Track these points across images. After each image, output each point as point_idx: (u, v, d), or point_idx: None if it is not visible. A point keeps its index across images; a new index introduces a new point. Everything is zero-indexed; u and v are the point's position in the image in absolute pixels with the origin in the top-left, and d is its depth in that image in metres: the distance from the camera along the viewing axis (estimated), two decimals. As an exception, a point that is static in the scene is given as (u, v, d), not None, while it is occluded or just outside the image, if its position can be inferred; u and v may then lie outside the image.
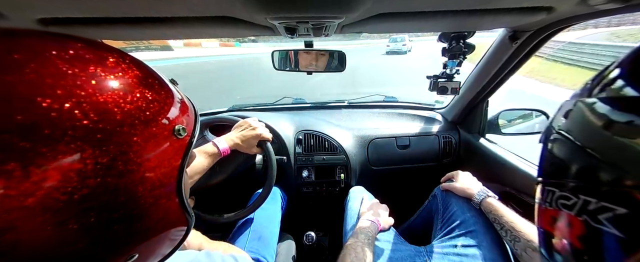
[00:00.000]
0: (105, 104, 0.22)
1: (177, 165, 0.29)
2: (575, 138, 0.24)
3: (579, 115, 0.24)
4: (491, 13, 0.59)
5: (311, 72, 0.94)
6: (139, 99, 0.25)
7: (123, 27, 0.58)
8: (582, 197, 0.22)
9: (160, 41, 23.62)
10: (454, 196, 0.85)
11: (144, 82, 0.27)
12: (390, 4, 0.52)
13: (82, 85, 0.22)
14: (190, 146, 0.31)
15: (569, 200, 0.23)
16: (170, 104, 0.28)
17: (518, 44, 0.79)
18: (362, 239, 0.67)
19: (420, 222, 0.99)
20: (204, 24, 0.59)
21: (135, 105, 0.24)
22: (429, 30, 0.75)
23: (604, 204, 0.20)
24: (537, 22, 0.67)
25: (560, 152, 0.26)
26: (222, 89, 7.62)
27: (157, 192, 0.26)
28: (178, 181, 0.29)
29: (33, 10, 0.49)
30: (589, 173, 0.22)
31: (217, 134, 1.18)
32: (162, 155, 0.26)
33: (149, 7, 0.49)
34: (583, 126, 0.24)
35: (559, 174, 0.26)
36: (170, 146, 0.28)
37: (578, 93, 0.26)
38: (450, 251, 0.72)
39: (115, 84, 0.24)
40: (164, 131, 0.27)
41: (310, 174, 1.15)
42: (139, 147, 0.24)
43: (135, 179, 0.24)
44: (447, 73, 0.96)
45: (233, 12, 0.53)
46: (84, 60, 0.24)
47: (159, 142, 0.26)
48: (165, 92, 0.29)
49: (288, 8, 0.49)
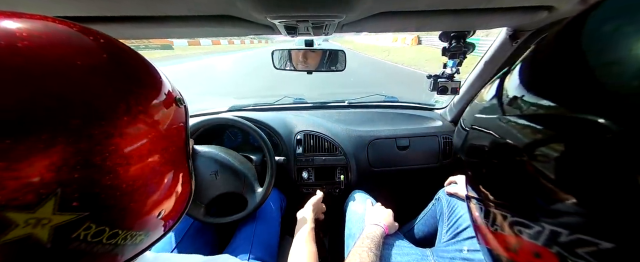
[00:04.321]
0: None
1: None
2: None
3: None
4: (491, 12, 0.59)
5: (311, 72, 0.93)
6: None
7: (121, 25, 0.58)
8: (548, 226, 0.18)
9: (159, 40, 23.63)
10: (460, 199, 0.84)
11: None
12: (390, 3, 0.52)
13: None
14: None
15: (529, 228, 0.19)
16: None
17: (518, 43, 0.79)
18: (367, 244, 0.67)
19: (424, 225, 0.98)
20: (204, 23, 0.59)
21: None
22: (429, 29, 0.75)
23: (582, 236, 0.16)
24: (538, 21, 0.66)
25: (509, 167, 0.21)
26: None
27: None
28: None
29: (31, 10, 0.48)
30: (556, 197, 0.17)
31: (207, 140, 1.18)
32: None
33: (147, 5, 0.48)
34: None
35: (509, 194, 0.22)
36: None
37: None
38: (456, 255, 0.71)
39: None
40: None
41: (310, 175, 1.15)
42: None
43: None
44: (447, 73, 0.96)
45: (233, 10, 0.53)
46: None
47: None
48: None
49: (288, 7, 0.49)
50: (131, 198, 0.23)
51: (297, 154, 1.13)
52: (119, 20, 0.56)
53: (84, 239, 0.21)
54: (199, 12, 0.53)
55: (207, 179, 0.86)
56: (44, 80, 0.18)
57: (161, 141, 0.26)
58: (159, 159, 0.26)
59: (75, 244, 0.21)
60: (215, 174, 0.85)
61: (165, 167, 0.27)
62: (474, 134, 0.28)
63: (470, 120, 0.30)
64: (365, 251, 0.64)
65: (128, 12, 0.52)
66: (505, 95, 0.24)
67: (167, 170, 0.27)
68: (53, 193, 0.18)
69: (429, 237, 0.91)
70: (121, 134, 0.22)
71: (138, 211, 0.25)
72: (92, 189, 0.20)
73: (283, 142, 1.13)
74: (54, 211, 0.19)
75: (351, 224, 0.87)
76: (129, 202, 0.23)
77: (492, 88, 0.28)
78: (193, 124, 0.89)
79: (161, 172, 0.26)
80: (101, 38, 0.24)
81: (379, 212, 0.84)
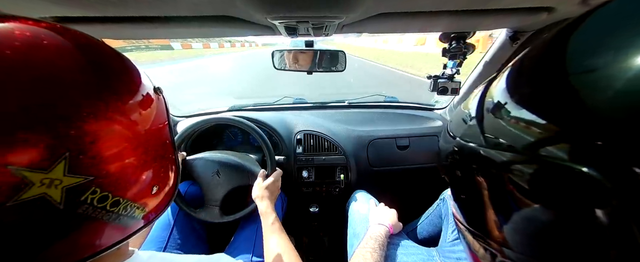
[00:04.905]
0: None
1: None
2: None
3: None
4: (492, 13, 0.59)
5: (311, 72, 0.93)
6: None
7: (122, 26, 0.58)
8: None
9: (160, 40, 23.60)
10: None
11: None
12: (390, 4, 0.52)
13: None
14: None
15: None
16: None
17: (518, 44, 0.79)
18: (372, 245, 0.67)
19: (429, 225, 0.98)
20: (204, 24, 0.59)
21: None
22: (430, 30, 0.75)
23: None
24: (538, 22, 0.67)
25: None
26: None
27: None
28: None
29: (33, 10, 0.49)
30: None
31: (207, 140, 1.18)
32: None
33: (148, 6, 0.48)
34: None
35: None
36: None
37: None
38: (462, 255, 0.71)
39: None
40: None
41: (310, 174, 1.15)
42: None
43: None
44: (448, 73, 0.96)
45: (233, 11, 0.53)
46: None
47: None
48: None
49: (288, 8, 0.49)
50: (128, 166, 0.26)
51: (297, 153, 1.13)
52: (119, 20, 0.56)
53: (91, 203, 0.24)
54: (199, 12, 0.53)
55: (210, 181, 0.86)
56: (30, 70, 0.21)
57: (145, 126, 0.29)
58: (150, 135, 0.29)
59: (84, 207, 0.23)
60: (216, 174, 0.86)
61: (154, 147, 0.30)
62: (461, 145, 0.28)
63: (459, 130, 0.30)
64: (369, 251, 0.65)
65: (128, 12, 0.52)
66: (490, 106, 0.24)
67: (155, 152, 0.30)
68: (62, 157, 0.21)
69: (434, 236, 0.91)
70: (114, 116, 0.25)
71: (134, 182, 0.28)
72: (95, 155, 0.23)
73: (283, 142, 1.13)
74: (65, 173, 0.21)
75: (355, 224, 0.87)
76: (126, 170, 0.26)
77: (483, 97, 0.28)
78: (193, 124, 0.89)
79: (148, 152, 0.29)
80: (81, 38, 0.25)
81: (383, 212, 0.84)
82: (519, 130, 0.20)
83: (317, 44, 0.88)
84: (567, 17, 0.63)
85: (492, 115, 0.23)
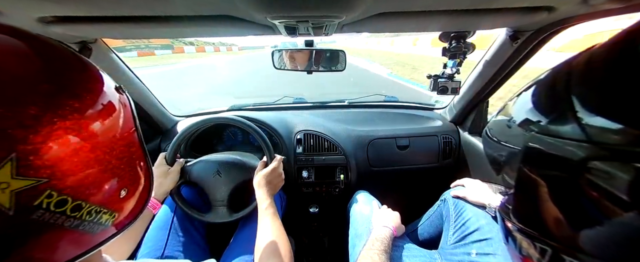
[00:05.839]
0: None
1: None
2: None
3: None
4: (491, 13, 0.59)
5: (311, 72, 0.93)
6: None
7: (122, 25, 0.58)
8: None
9: (160, 40, 23.65)
10: (468, 203, 0.83)
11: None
12: (390, 4, 0.52)
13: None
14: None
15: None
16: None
17: (518, 43, 0.79)
18: (378, 247, 0.67)
19: (430, 226, 0.98)
20: (204, 23, 0.59)
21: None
22: (430, 29, 0.75)
23: None
24: (538, 22, 0.66)
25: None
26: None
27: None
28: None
29: (32, 9, 0.48)
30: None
31: (207, 140, 1.18)
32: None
33: (148, 5, 0.48)
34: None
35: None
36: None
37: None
38: (465, 258, 0.71)
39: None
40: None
41: (310, 174, 1.15)
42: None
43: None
44: (448, 73, 0.96)
45: (233, 11, 0.53)
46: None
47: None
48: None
49: (288, 7, 0.49)
50: (88, 166, 0.24)
51: (297, 153, 1.13)
52: (119, 20, 0.56)
53: (47, 208, 0.21)
54: (200, 12, 0.53)
55: (213, 182, 0.86)
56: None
57: (105, 126, 0.27)
58: (112, 134, 0.27)
59: (39, 212, 0.21)
60: (217, 174, 0.86)
61: (118, 147, 0.28)
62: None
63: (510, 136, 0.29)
64: (376, 253, 0.65)
65: (129, 12, 0.52)
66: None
67: (120, 151, 0.28)
68: (7, 158, 0.19)
69: (434, 238, 0.91)
70: (68, 115, 0.23)
71: (97, 184, 0.25)
72: (48, 156, 0.21)
73: (283, 142, 1.13)
74: (13, 175, 0.19)
75: (358, 225, 0.87)
76: (86, 171, 0.24)
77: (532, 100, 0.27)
78: (193, 124, 0.89)
79: (113, 149, 0.27)
80: (40, 45, 0.25)
81: (386, 214, 0.84)
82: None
83: (317, 44, 0.88)
84: (567, 17, 0.63)
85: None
